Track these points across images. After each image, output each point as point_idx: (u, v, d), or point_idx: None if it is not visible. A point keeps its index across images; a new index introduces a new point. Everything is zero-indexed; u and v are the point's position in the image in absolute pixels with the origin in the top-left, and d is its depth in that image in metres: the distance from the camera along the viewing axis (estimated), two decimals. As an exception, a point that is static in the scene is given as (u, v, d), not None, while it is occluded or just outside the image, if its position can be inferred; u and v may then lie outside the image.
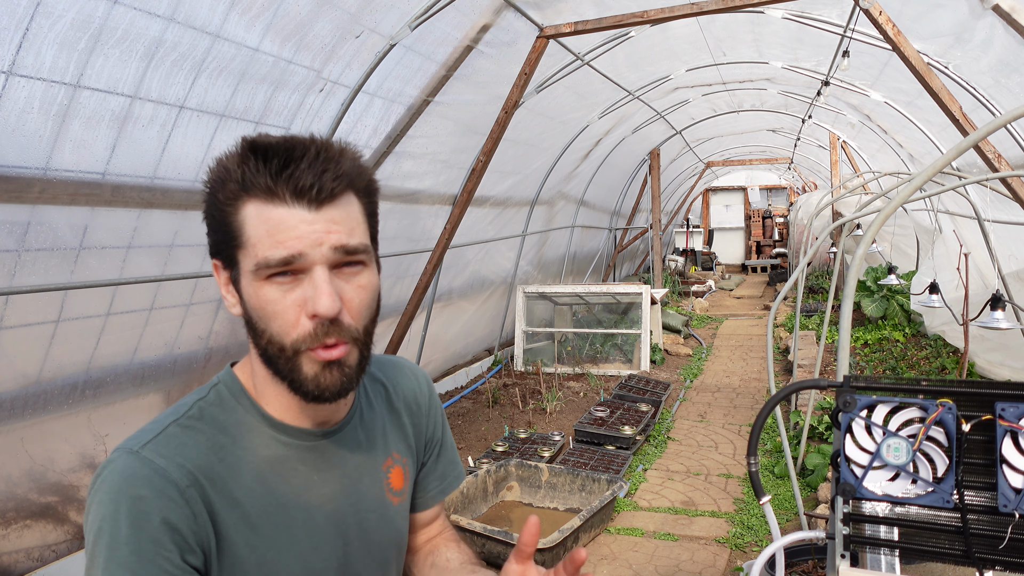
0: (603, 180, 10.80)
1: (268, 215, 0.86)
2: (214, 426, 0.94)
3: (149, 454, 0.88)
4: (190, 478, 0.88)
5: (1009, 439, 1.23)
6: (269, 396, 0.98)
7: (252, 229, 0.87)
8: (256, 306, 0.89)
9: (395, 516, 1.11)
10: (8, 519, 3.14)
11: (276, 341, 0.89)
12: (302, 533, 0.97)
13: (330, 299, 0.86)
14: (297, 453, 0.98)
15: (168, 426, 0.92)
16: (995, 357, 6.20)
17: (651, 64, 7.08)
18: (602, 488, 4.56)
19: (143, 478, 0.86)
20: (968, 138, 1.64)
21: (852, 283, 1.79)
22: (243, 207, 0.87)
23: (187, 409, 0.95)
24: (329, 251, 0.87)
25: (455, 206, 5.30)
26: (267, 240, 0.85)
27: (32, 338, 3.09)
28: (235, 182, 0.87)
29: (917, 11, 4.52)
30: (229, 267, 0.92)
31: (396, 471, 1.11)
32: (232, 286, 0.94)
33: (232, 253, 0.90)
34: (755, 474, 1.51)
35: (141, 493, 0.85)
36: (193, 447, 0.91)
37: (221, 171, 0.89)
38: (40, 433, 3.23)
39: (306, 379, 0.89)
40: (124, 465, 0.87)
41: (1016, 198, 3.78)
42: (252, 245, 0.87)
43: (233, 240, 0.89)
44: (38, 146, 2.69)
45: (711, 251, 20.03)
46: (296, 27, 3.41)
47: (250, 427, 0.96)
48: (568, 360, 8.57)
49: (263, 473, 0.95)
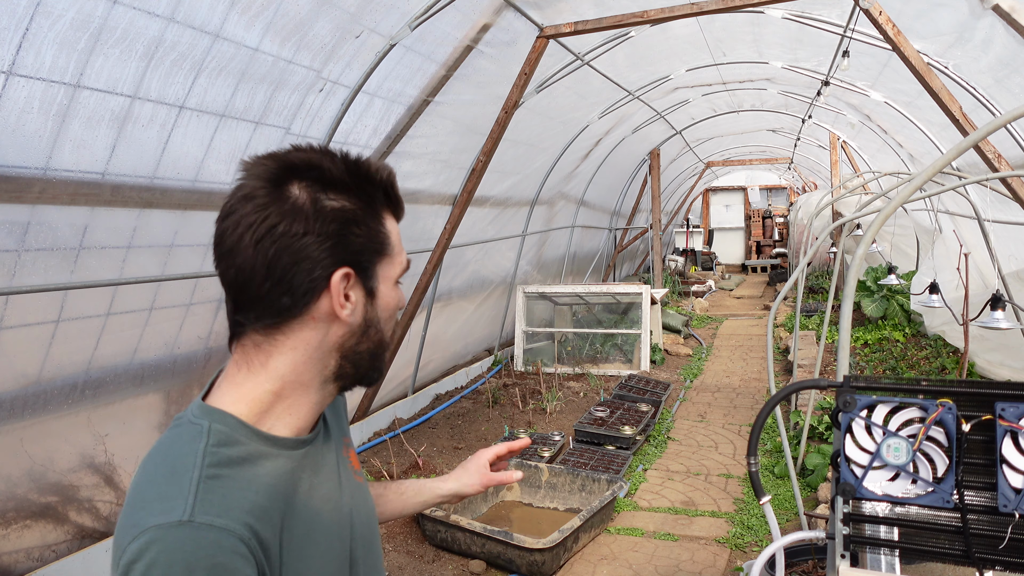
0: (603, 180, 10.80)
1: (396, 227, 1.02)
2: (234, 466, 0.91)
3: (203, 518, 0.82)
4: (249, 529, 0.85)
5: (1009, 439, 1.23)
6: (300, 406, 0.98)
7: (395, 240, 1.01)
8: (392, 307, 1.02)
9: (366, 495, 1.15)
10: (8, 519, 3.14)
11: (386, 337, 1.03)
12: (320, 536, 0.99)
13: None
14: (299, 463, 1.00)
15: (197, 485, 0.85)
16: (995, 357, 6.20)
17: (651, 64, 7.07)
18: (602, 488, 4.56)
19: (210, 545, 0.80)
20: (968, 138, 1.64)
21: (852, 283, 1.79)
22: (387, 220, 1.00)
23: (202, 458, 0.89)
24: None
25: (455, 206, 5.30)
26: (400, 250, 1.03)
27: (32, 338, 3.09)
28: (384, 196, 0.99)
29: (917, 11, 4.52)
30: (363, 275, 0.97)
31: (351, 453, 1.16)
32: (359, 293, 0.97)
33: (373, 260, 0.98)
34: (755, 474, 1.50)
35: (217, 560, 0.80)
36: (234, 494, 0.87)
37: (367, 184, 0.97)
38: (40, 433, 3.23)
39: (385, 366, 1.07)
40: (181, 540, 0.80)
41: (1016, 198, 3.78)
42: (398, 253, 1.02)
43: (381, 248, 0.99)
44: (38, 146, 2.69)
45: (711, 251, 20.03)
46: (296, 27, 3.41)
47: (260, 454, 0.94)
48: (568, 360, 8.57)
49: (284, 491, 0.95)
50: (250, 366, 0.96)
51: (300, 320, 0.94)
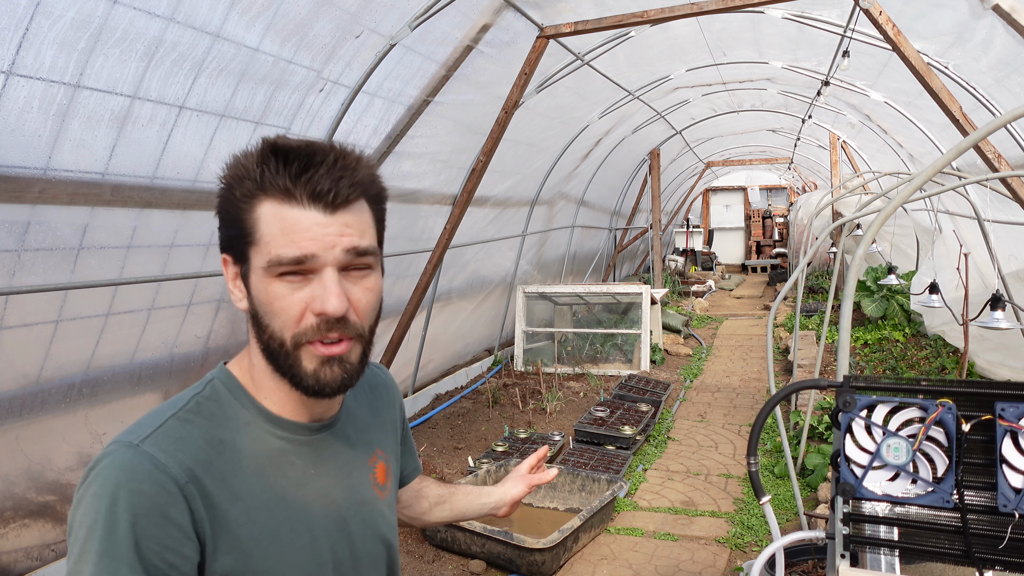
0: (603, 180, 10.80)
1: (284, 215, 0.89)
2: (212, 420, 0.95)
3: (149, 448, 0.87)
4: (189, 474, 0.88)
5: (1009, 439, 1.23)
6: (268, 390, 0.99)
7: (267, 227, 0.90)
8: (264, 301, 0.91)
9: (383, 509, 1.13)
10: (6, 518, 3.14)
11: (278, 336, 0.92)
12: (302, 526, 0.98)
13: (338, 299, 0.89)
14: (294, 447, 1.00)
15: (167, 420, 0.92)
16: (995, 357, 6.20)
17: (651, 64, 7.07)
18: (602, 488, 4.56)
19: (144, 472, 0.85)
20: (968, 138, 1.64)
21: (852, 283, 1.79)
22: (259, 205, 0.90)
23: (184, 403, 0.95)
24: (340, 253, 0.90)
25: (455, 206, 5.30)
26: (281, 239, 0.89)
27: (32, 338, 3.09)
28: (253, 180, 0.90)
29: (917, 11, 4.52)
30: (239, 262, 0.95)
31: (380, 466, 1.14)
32: (240, 281, 0.96)
33: (244, 249, 0.93)
34: (755, 474, 1.50)
35: (141, 487, 0.84)
36: (192, 442, 0.91)
37: (239, 168, 0.91)
38: (38, 432, 3.23)
39: (306, 374, 0.93)
40: (123, 458, 0.86)
41: (1016, 198, 3.78)
42: (266, 243, 0.90)
43: (247, 236, 0.91)
44: (38, 146, 2.69)
45: (711, 251, 20.02)
46: (296, 27, 3.41)
47: (247, 421, 0.97)
48: (568, 360, 8.57)
49: (262, 467, 0.96)
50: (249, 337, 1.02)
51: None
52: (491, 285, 8.09)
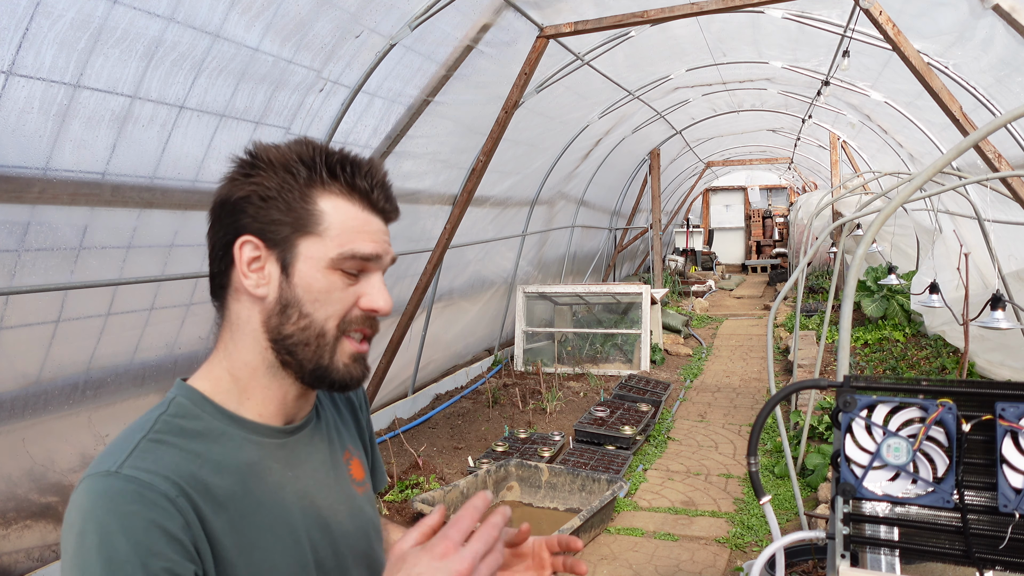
0: (603, 180, 10.80)
1: (357, 214, 0.96)
2: (184, 435, 0.93)
3: (129, 471, 0.84)
4: (176, 488, 0.86)
5: (1009, 439, 1.23)
6: (253, 390, 0.99)
7: (339, 220, 0.94)
8: (317, 289, 0.94)
9: (364, 504, 1.14)
10: (8, 519, 3.14)
11: (319, 325, 0.95)
12: (284, 530, 0.98)
13: (388, 300, 0.98)
14: (270, 452, 1.00)
15: (139, 442, 0.89)
16: (995, 357, 6.20)
17: (651, 64, 7.07)
18: (602, 488, 4.56)
19: (130, 493, 0.82)
20: (968, 138, 1.64)
21: (852, 283, 1.79)
22: (324, 196, 0.94)
23: (152, 424, 0.92)
24: (389, 261, 1.00)
25: (455, 206, 5.30)
26: (359, 235, 0.95)
27: (32, 338, 3.09)
28: (326, 170, 0.94)
29: (917, 10, 4.52)
30: (275, 247, 0.94)
31: (355, 462, 1.16)
32: (273, 267, 0.95)
33: (291, 235, 0.94)
34: (755, 474, 1.50)
35: (131, 509, 0.82)
36: (170, 457, 0.89)
37: (305, 155, 0.95)
38: (40, 433, 3.23)
39: (338, 367, 0.97)
40: (104, 487, 0.83)
41: (1016, 198, 3.78)
42: (337, 235, 0.94)
43: (303, 224, 0.94)
44: (38, 146, 2.69)
45: (711, 251, 20.02)
46: (296, 27, 3.41)
47: (220, 431, 0.96)
48: (568, 360, 8.57)
49: (241, 475, 0.95)
50: (217, 344, 1.01)
51: (229, 292, 0.98)
52: (491, 285, 8.09)
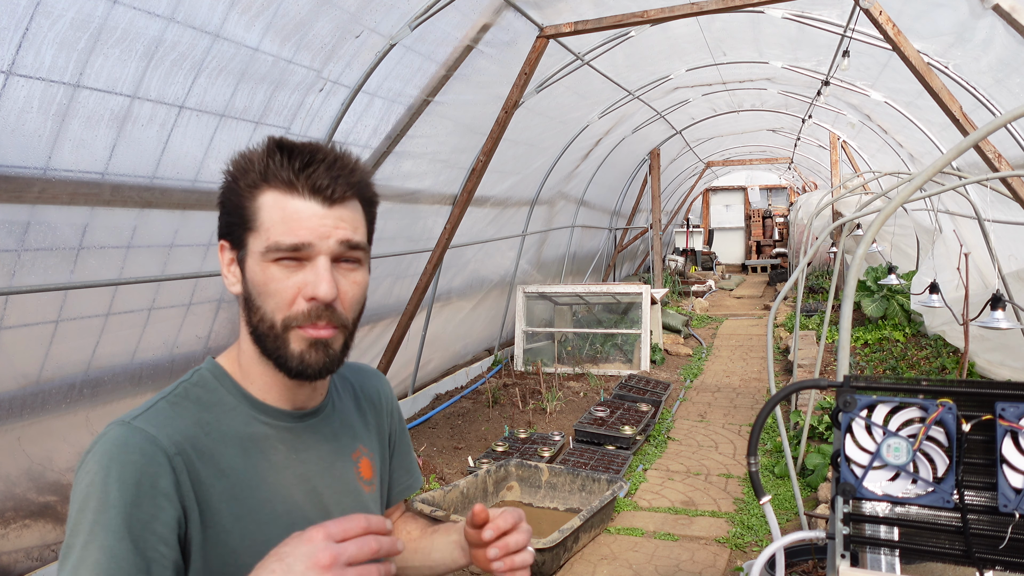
0: (603, 180, 10.80)
1: (285, 204, 0.96)
2: (198, 404, 1.01)
3: (140, 424, 0.93)
4: (178, 447, 0.94)
5: (1009, 439, 1.23)
6: (254, 376, 1.04)
7: (268, 215, 0.96)
8: (259, 283, 0.97)
9: (369, 502, 1.16)
10: (7, 519, 3.14)
11: (268, 318, 0.97)
12: (282, 508, 1.01)
13: (329, 285, 0.95)
14: (277, 433, 1.05)
15: (157, 402, 0.99)
16: (995, 357, 6.20)
17: (651, 64, 7.07)
18: (602, 488, 4.56)
19: (134, 445, 0.90)
20: (968, 138, 1.64)
21: (852, 283, 1.79)
22: (261, 195, 0.97)
23: (173, 389, 1.02)
24: (335, 244, 0.97)
25: (455, 206, 5.30)
26: (281, 226, 0.95)
27: (32, 338, 3.09)
28: (258, 172, 0.97)
29: (917, 11, 4.52)
30: (236, 248, 1.01)
31: (364, 462, 1.17)
32: (236, 266, 1.02)
33: (242, 235, 0.99)
34: (755, 474, 1.50)
35: (132, 458, 0.89)
36: (180, 420, 0.97)
37: (245, 161, 0.98)
38: (39, 432, 3.23)
39: (292, 355, 0.98)
40: (115, 434, 0.92)
41: (1016, 198, 3.78)
42: (266, 229, 0.96)
43: (247, 223, 0.98)
44: (38, 146, 2.69)
45: (711, 251, 20.02)
46: (296, 27, 3.41)
47: (232, 406, 1.03)
48: (568, 360, 8.57)
49: (246, 448, 1.01)
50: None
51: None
52: (491, 285, 8.09)
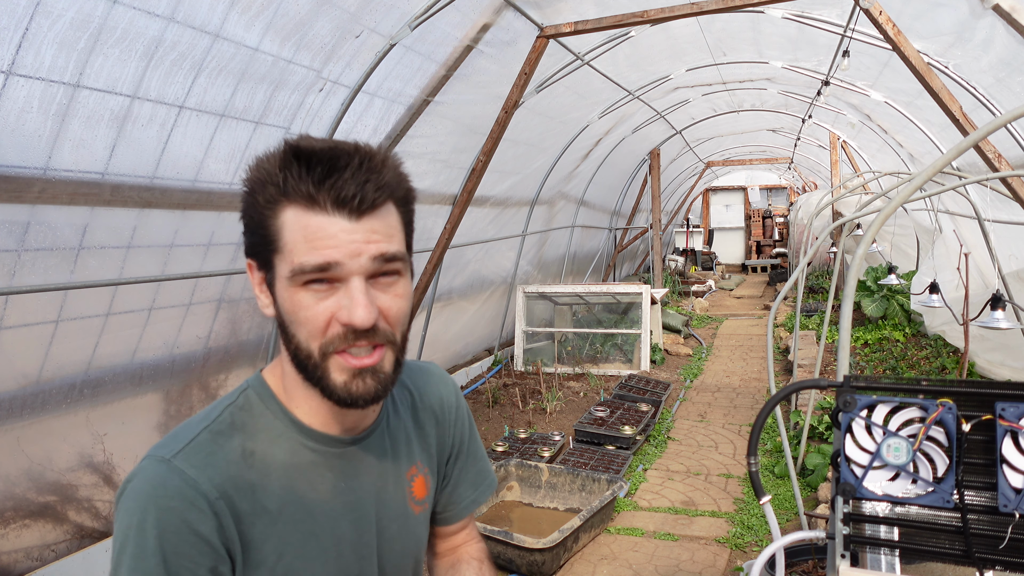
0: (603, 180, 10.80)
1: (307, 222, 0.85)
2: (244, 432, 0.94)
3: (181, 464, 0.87)
4: (220, 490, 0.88)
5: (1009, 439, 1.23)
6: (299, 400, 0.97)
7: (290, 235, 0.86)
8: (288, 310, 0.88)
9: (415, 526, 1.10)
10: (7, 518, 3.14)
11: (304, 347, 0.88)
12: (329, 541, 0.96)
13: (365, 310, 0.85)
14: (325, 460, 0.98)
15: (199, 433, 0.92)
16: (995, 357, 6.20)
17: (651, 64, 7.07)
18: (602, 488, 4.55)
19: (173, 488, 0.85)
20: (968, 138, 1.64)
21: (852, 283, 1.79)
22: (282, 212, 0.86)
23: (218, 414, 0.95)
24: (368, 261, 0.86)
25: (455, 206, 5.30)
26: (304, 246, 0.85)
27: (32, 338, 3.09)
28: (276, 186, 0.86)
29: (917, 11, 4.52)
30: (264, 269, 0.92)
31: (419, 480, 1.11)
32: (266, 287, 0.93)
33: (268, 256, 0.89)
34: (755, 474, 1.50)
35: (171, 504, 0.84)
36: (223, 456, 0.91)
37: (261, 173, 0.88)
38: (38, 432, 3.23)
39: (336, 386, 0.89)
40: (155, 474, 0.86)
41: (1016, 198, 3.78)
42: (289, 250, 0.86)
43: (271, 244, 0.88)
44: (38, 146, 2.69)
45: (711, 251, 20.02)
46: (296, 27, 3.41)
47: (279, 433, 0.96)
48: (568, 360, 8.57)
49: (292, 480, 0.95)
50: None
51: None
52: (491, 285, 8.09)
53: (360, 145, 0.89)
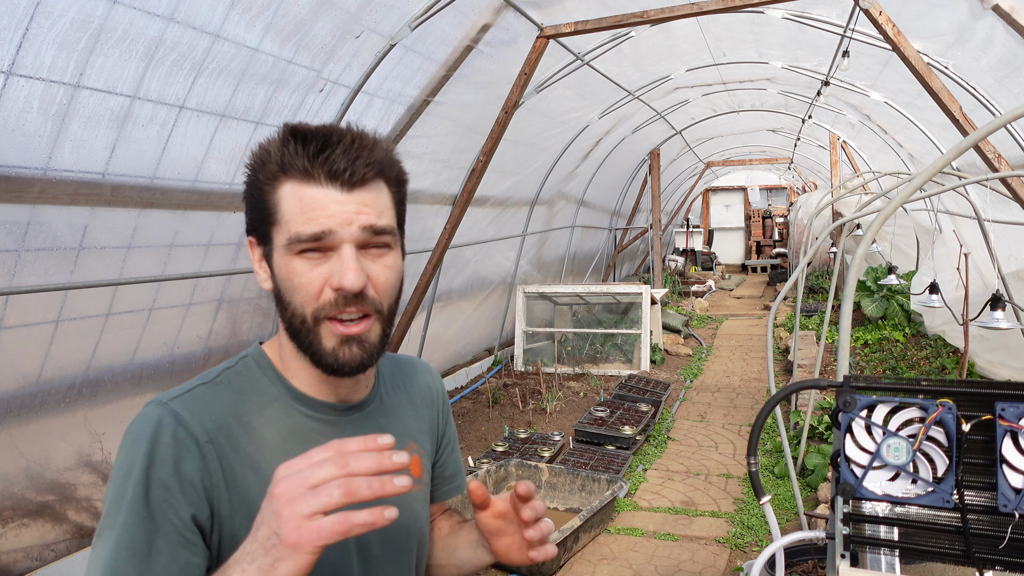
0: (603, 180, 10.80)
1: (303, 194, 0.92)
2: (240, 393, 0.99)
3: (176, 406, 0.93)
4: (210, 434, 0.93)
5: (1009, 439, 1.23)
6: (295, 369, 1.02)
7: (287, 206, 0.93)
8: (285, 278, 0.94)
9: (413, 503, 1.12)
10: (5, 518, 3.14)
11: (299, 312, 0.94)
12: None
13: (355, 274, 0.91)
14: (319, 426, 1.02)
15: (197, 386, 0.98)
16: (995, 357, 6.20)
17: (651, 64, 7.07)
18: (602, 488, 4.56)
19: (165, 425, 0.91)
20: (968, 138, 1.64)
21: (852, 283, 1.79)
22: (280, 186, 0.93)
23: (216, 375, 1.00)
24: (358, 230, 0.92)
25: (455, 206, 5.30)
26: (300, 217, 0.91)
27: (32, 338, 3.09)
28: (275, 163, 0.93)
29: (917, 11, 4.52)
30: (263, 243, 0.98)
31: (415, 459, 1.14)
32: (265, 262, 0.99)
33: (267, 230, 0.96)
34: (755, 474, 1.50)
35: (161, 439, 0.90)
36: (217, 408, 0.96)
37: (263, 153, 0.95)
38: (37, 432, 3.23)
39: (325, 351, 0.95)
40: (150, 413, 0.92)
41: (1016, 198, 3.78)
42: (286, 221, 0.92)
43: (269, 217, 0.95)
44: (38, 146, 2.69)
45: (711, 251, 20.02)
46: (296, 27, 3.41)
47: (274, 397, 1.01)
48: (568, 360, 8.56)
49: (284, 441, 0.99)
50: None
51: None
52: (491, 285, 8.09)
53: (352, 126, 0.96)
